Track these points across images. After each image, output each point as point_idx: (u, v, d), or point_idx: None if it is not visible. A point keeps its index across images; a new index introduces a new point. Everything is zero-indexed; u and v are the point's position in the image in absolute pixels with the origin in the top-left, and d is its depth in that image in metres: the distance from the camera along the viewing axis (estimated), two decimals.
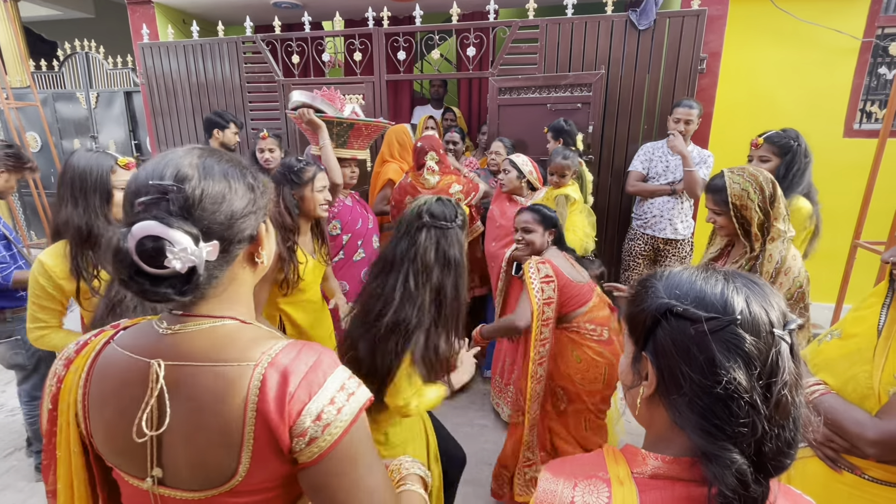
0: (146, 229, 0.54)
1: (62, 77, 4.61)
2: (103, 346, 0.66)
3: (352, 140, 2.33)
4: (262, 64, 3.64)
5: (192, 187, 0.57)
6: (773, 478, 0.51)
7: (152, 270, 0.55)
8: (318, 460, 0.59)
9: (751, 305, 0.52)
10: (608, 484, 0.55)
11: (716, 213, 1.53)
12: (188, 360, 0.60)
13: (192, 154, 0.61)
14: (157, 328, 0.63)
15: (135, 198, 0.57)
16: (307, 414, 0.58)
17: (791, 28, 3.26)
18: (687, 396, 0.53)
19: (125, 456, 0.63)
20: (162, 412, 0.60)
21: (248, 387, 0.58)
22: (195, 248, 0.55)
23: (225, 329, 0.63)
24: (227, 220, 0.60)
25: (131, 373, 0.62)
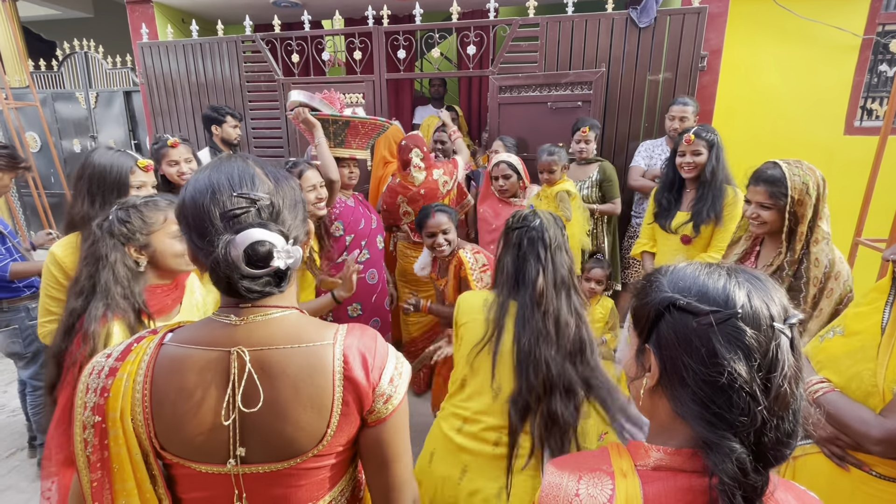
0: (252, 236, 0.61)
1: (61, 77, 4.60)
2: (157, 348, 0.70)
3: (349, 139, 2.31)
4: (261, 63, 3.64)
5: (275, 195, 0.67)
6: (772, 467, 0.52)
7: (255, 272, 0.62)
8: (388, 417, 0.72)
9: (752, 300, 0.54)
10: (612, 476, 0.57)
11: (765, 206, 1.39)
12: (271, 344, 0.68)
13: (251, 164, 0.68)
14: (224, 321, 0.69)
15: (223, 210, 0.63)
16: (385, 378, 0.71)
17: (792, 25, 3.25)
18: (689, 387, 0.54)
19: (202, 445, 0.67)
20: (251, 394, 0.66)
21: (334, 360, 0.69)
22: (291, 248, 0.64)
23: (292, 318, 0.71)
24: (300, 221, 0.70)
25: (207, 364, 0.67)
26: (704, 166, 1.98)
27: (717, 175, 1.96)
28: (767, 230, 1.44)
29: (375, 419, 0.71)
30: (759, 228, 1.46)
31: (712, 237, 1.98)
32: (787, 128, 3.41)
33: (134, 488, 0.68)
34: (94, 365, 0.70)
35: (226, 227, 0.63)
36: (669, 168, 2.12)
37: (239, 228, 0.62)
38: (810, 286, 1.35)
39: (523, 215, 1.28)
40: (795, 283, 1.38)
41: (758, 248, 1.56)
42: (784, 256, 1.41)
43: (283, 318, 0.70)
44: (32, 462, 2.31)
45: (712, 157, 1.97)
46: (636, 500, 0.54)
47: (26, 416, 2.31)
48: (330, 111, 2.25)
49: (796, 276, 1.38)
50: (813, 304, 1.36)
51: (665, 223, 2.11)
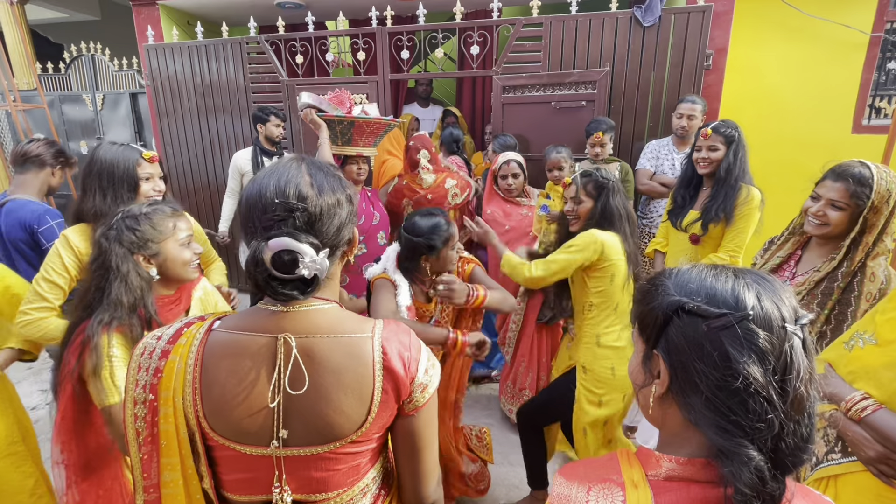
0: (281, 244, 0.64)
1: (68, 79, 4.64)
2: (206, 335, 0.73)
3: (356, 138, 2.37)
4: (266, 64, 3.65)
5: (313, 205, 0.68)
6: (790, 474, 0.51)
7: (282, 276, 0.66)
8: (423, 406, 0.76)
9: (762, 301, 0.52)
10: (622, 487, 0.55)
11: (836, 206, 1.29)
12: (315, 332, 0.71)
13: (302, 171, 0.71)
14: (271, 309, 0.72)
15: (262, 214, 0.67)
16: (421, 369, 0.76)
17: (798, 23, 3.23)
18: (702, 393, 0.53)
19: (247, 426, 0.70)
20: (296, 377, 0.69)
21: (373, 351, 0.72)
22: (319, 258, 0.67)
23: (334, 311, 0.75)
24: (337, 230, 0.72)
25: (256, 348, 0.71)
26: (721, 163, 1.91)
27: (732, 172, 1.88)
28: (827, 233, 1.32)
29: (413, 408, 0.75)
30: (819, 230, 1.34)
31: (723, 237, 1.92)
32: (793, 127, 3.38)
33: (178, 463, 0.72)
34: (146, 345, 0.74)
35: (263, 231, 0.67)
36: (688, 164, 2.06)
37: (272, 235, 0.65)
38: (862, 301, 1.27)
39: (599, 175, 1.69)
40: (845, 296, 1.30)
41: (800, 252, 1.46)
42: (836, 265, 1.30)
43: (325, 310, 0.73)
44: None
45: (729, 154, 1.88)
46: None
47: None
48: (336, 112, 2.31)
49: (847, 290, 1.29)
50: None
51: (676, 220, 2.05)
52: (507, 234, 2.49)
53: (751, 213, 1.85)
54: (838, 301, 1.31)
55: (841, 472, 1.04)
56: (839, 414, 1.03)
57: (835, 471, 1.05)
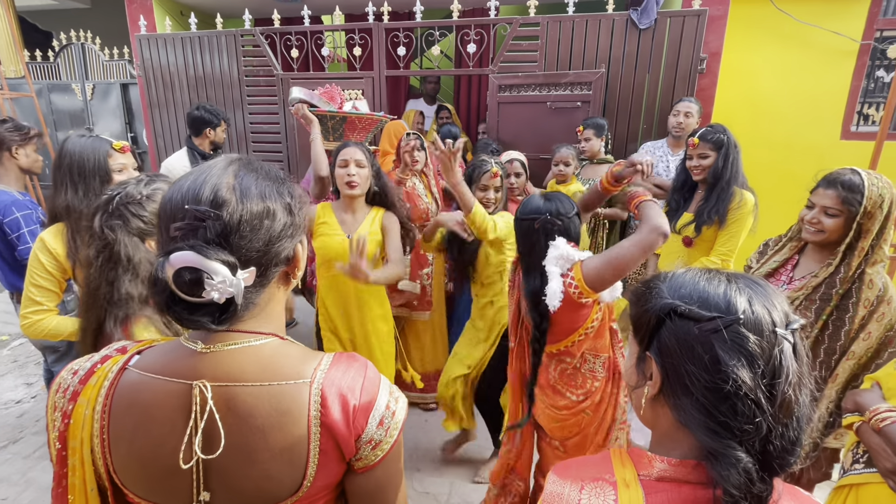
0: (183, 260, 0.52)
1: (57, 68, 4.56)
2: (118, 374, 0.62)
3: (347, 133, 2.38)
4: (260, 58, 3.62)
5: (230, 213, 0.56)
6: (777, 476, 0.52)
7: (189, 299, 0.54)
8: (377, 463, 0.63)
9: (753, 305, 0.53)
10: (614, 487, 0.56)
11: (830, 213, 1.31)
12: (238, 380, 0.59)
13: (228, 172, 0.59)
14: (190, 347, 0.61)
15: (170, 222, 0.56)
16: (373, 421, 0.62)
17: (791, 29, 3.27)
18: (692, 395, 0.53)
19: (163, 486, 0.60)
20: (212, 435, 0.58)
21: (309, 403, 0.60)
22: (233, 279, 0.54)
23: (269, 348, 0.62)
24: (265, 245, 0.59)
25: (168, 397, 0.59)
26: (710, 168, 1.93)
27: (722, 176, 1.89)
28: (823, 239, 1.34)
29: (363, 466, 0.63)
30: (815, 236, 1.36)
31: (716, 241, 1.95)
32: (784, 132, 3.43)
33: None
34: (61, 381, 0.64)
35: (169, 242, 0.55)
36: (682, 168, 2.09)
37: (175, 248, 0.53)
38: (860, 307, 1.30)
39: None
40: (843, 303, 1.32)
41: (797, 257, 1.47)
42: (833, 270, 1.32)
43: (255, 348, 0.61)
44: (24, 455, 2.30)
45: (719, 159, 1.91)
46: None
47: None
48: (328, 108, 2.30)
49: (846, 296, 1.31)
50: (860, 325, 1.31)
51: (670, 223, 2.09)
52: None
53: (744, 216, 1.87)
54: (837, 307, 1.33)
55: (862, 481, 1.06)
56: (865, 425, 1.05)
57: (857, 480, 1.07)
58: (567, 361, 1.45)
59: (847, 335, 1.32)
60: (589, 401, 1.44)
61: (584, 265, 1.30)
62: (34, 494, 2.07)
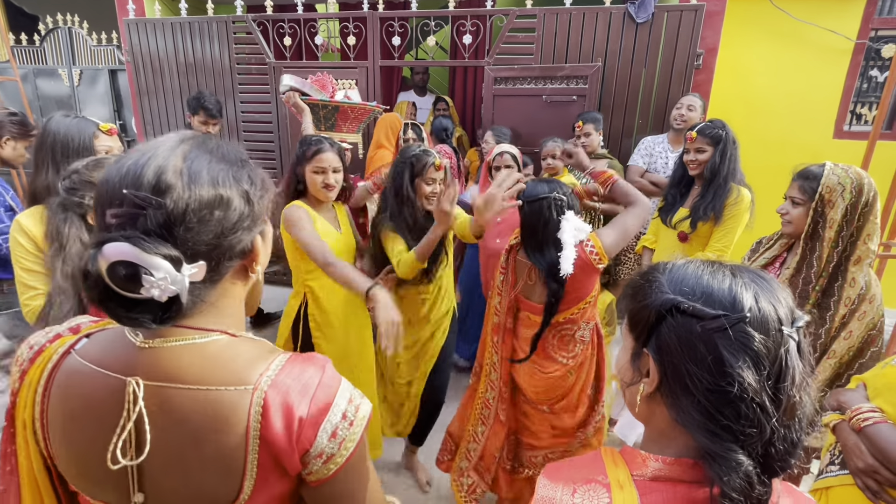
0: (118, 253, 0.46)
1: (43, 52, 4.45)
2: (62, 357, 0.58)
3: (339, 123, 2.33)
4: (252, 45, 3.55)
5: (175, 201, 0.49)
6: (777, 477, 0.50)
7: (127, 295, 0.48)
8: (334, 475, 0.57)
9: (759, 302, 0.50)
10: (608, 488, 0.53)
11: (794, 202, 1.37)
12: (174, 381, 0.54)
13: (177, 153, 0.52)
14: (131, 339, 0.55)
15: (106, 207, 0.49)
16: (323, 434, 0.55)
17: (787, 27, 3.27)
18: (692, 396, 0.51)
19: (98, 482, 0.56)
20: (141, 438, 0.53)
21: (249, 414, 0.53)
22: (177, 275, 0.48)
23: (215, 346, 0.56)
24: (216, 237, 0.52)
25: (103, 391, 0.54)
26: (707, 164, 1.93)
27: (719, 172, 1.89)
28: (793, 230, 1.39)
29: (317, 480, 0.57)
30: (786, 228, 1.41)
31: (711, 236, 1.94)
32: (777, 129, 3.44)
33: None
34: (20, 355, 0.60)
35: (104, 230, 0.49)
36: (680, 163, 2.09)
37: (109, 237, 0.47)
38: (840, 305, 1.30)
39: None
40: (824, 300, 1.33)
41: (785, 255, 1.48)
42: (801, 260, 1.33)
43: (200, 346, 0.55)
44: None
45: (716, 154, 1.90)
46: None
47: None
48: (320, 96, 2.26)
49: (826, 294, 1.32)
50: (841, 324, 1.31)
51: (666, 218, 2.07)
52: (498, 226, 2.47)
53: (740, 213, 1.87)
54: (818, 305, 1.33)
55: (836, 483, 1.05)
56: (844, 423, 1.04)
57: (830, 482, 1.06)
58: (567, 328, 1.56)
59: (828, 333, 1.32)
60: (574, 362, 1.59)
61: (601, 234, 1.48)
62: None
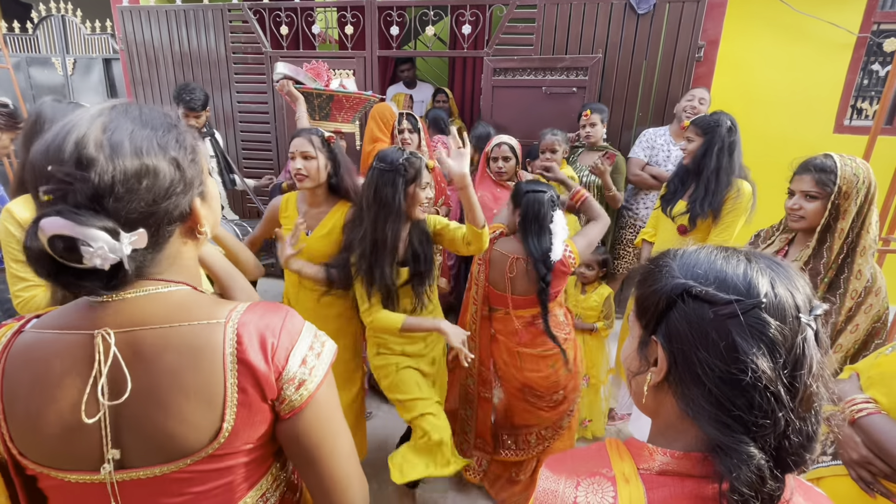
0: (54, 227, 0.48)
1: (36, 41, 4.38)
2: (13, 338, 0.59)
3: (334, 112, 2.30)
4: (249, 34, 3.50)
5: (99, 174, 0.50)
6: (791, 472, 0.48)
7: (74, 266, 0.50)
8: (304, 405, 0.61)
9: (776, 288, 0.48)
10: (613, 482, 0.52)
11: (810, 196, 1.31)
12: (144, 324, 0.57)
13: (96, 125, 0.52)
14: (90, 301, 0.58)
15: (37, 184, 0.50)
16: (294, 358, 0.60)
17: (788, 19, 3.24)
18: (703, 385, 0.49)
19: (66, 449, 0.57)
20: (119, 382, 0.55)
21: (224, 340, 0.58)
22: (115, 244, 0.50)
23: (179, 295, 0.60)
24: (150, 205, 0.53)
25: (67, 349, 0.56)
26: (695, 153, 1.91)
27: (705, 165, 1.87)
28: (806, 226, 1.34)
29: (289, 409, 0.60)
30: (798, 223, 1.36)
31: (710, 232, 1.92)
32: (777, 123, 3.42)
33: None
34: None
35: (39, 206, 0.51)
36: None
37: (42, 214, 0.49)
38: (847, 298, 1.28)
39: None
40: (831, 293, 1.30)
41: (786, 249, 1.45)
42: (813, 254, 1.30)
43: (164, 294, 0.59)
44: None
45: (703, 145, 1.88)
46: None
47: None
48: (314, 85, 2.23)
49: (832, 287, 1.30)
50: (847, 317, 1.29)
51: (666, 208, 2.05)
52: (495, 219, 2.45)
53: (739, 209, 1.85)
54: (823, 298, 1.31)
55: (828, 473, 1.04)
56: (837, 415, 1.02)
57: (822, 472, 1.05)
58: (537, 324, 1.73)
59: (834, 327, 1.31)
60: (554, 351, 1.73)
61: (576, 241, 1.67)
62: None
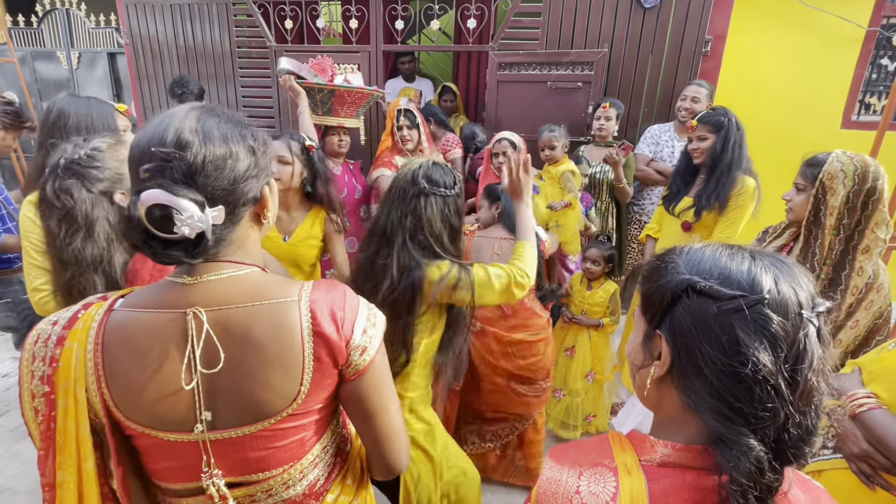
0: (153, 198, 0.57)
1: (41, 34, 4.39)
2: (106, 314, 0.66)
3: (336, 107, 2.29)
4: (253, 28, 3.50)
5: (194, 154, 0.59)
6: (790, 465, 0.50)
7: (163, 235, 0.58)
8: (366, 369, 0.71)
9: (779, 284, 0.49)
10: (615, 472, 0.53)
11: (798, 188, 1.37)
12: (231, 302, 0.65)
13: (191, 116, 0.62)
14: (178, 281, 0.66)
15: (139, 164, 0.60)
16: (358, 329, 0.70)
17: (796, 13, 3.21)
18: (705, 378, 0.50)
19: (165, 412, 0.65)
20: (212, 355, 0.64)
21: (300, 315, 0.67)
22: (202, 215, 0.59)
23: (253, 276, 0.68)
24: (230, 184, 0.63)
25: (162, 326, 0.65)
26: (709, 151, 1.90)
27: (721, 160, 1.86)
28: (793, 218, 1.39)
29: (353, 373, 0.71)
30: (788, 214, 1.42)
31: (715, 226, 1.91)
32: (783, 118, 3.40)
33: (73, 463, 0.66)
34: (40, 332, 0.67)
35: (139, 183, 0.60)
36: (684, 153, 2.06)
37: (145, 187, 0.58)
38: (847, 295, 1.29)
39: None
40: (831, 290, 1.31)
41: (792, 244, 1.47)
42: (804, 245, 1.32)
43: (241, 276, 0.67)
44: (10, 428, 2.28)
45: (717, 142, 1.87)
46: (641, 499, 0.50)
47: None
48: (316, 80, 2.22)
49: (833, 283, 1.30)
50: (847, 313, 1.29)
51: (669, 206, 2.05)
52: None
53: (744, 202, 1.84)
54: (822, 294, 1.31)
55: (828, 466, 1.04)
56: (840, 409, 1.03)
57: (822, 465, 1.05)
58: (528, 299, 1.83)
59: (834, 323, 1.31)
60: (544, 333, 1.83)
61: None
62: (20, 467, 2.05)
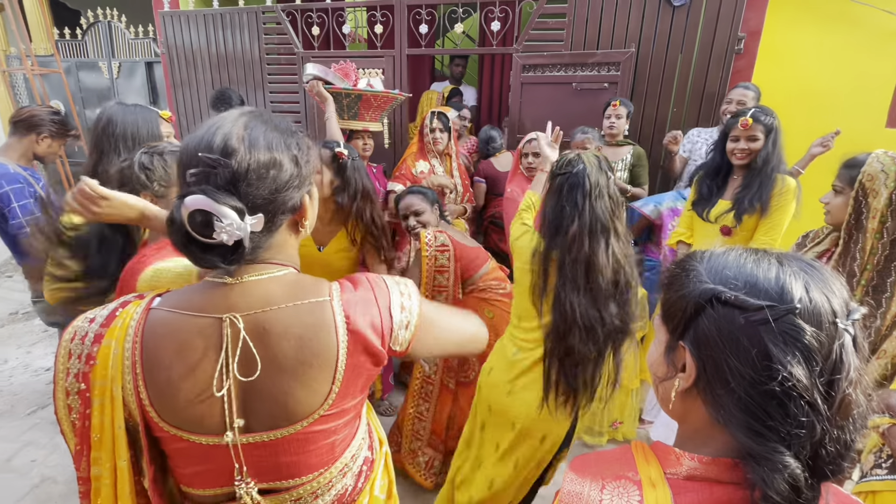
0: (196, 203, 0.58)
1: (85, 46, 4.62)
2: (144, 313, 0.67)
3: (362, 112, 2.34)
4: (281, 35, 3.59)
5: (238, 161, 0.60)
6: (827, 481, 0.47)
7: (202, 240, 0.60)
8: (417, 332, 0.74)
9: (811, 292, 0.46)
10: (639, 486, 0.51)
11: (836, 190, 1.32)
12: (269, 304, 0.66)
13: (239, 123, 0.63)
14: (218, 282, 0.67)
15: (186, 168, 0.61)
16: (395, 311, 0.72)
17: (837, 7, 3.07)
18: (735, 393, 0.47)
19: (199, 415, 0.65)
20: (249, 361, 0.64)
21: (334, 315, 0.67)
22: (241, 223, 0.59)
23: (290, 277, 0.70)
24: (272, 193, 0.63)
25: (199, 331, 0.65)
26: (759, 153, 1.81)
27: (769, 162, 1.79)
28: (831, 221, 1.35)
29: (406, 342, 0.73)
30: (826, 217, 1.37)
31: (756, 229, 1.83)
32: (824, 118, 3.23)
33: (108, 458, 0.66)
34: (76, 330, 0.68)
35: (185, 187, 0.61)
36: (717, 152, 1.95)
37: (190, 191, 0.59)
38: (893, 303, 1.22)
39: (567, 160, 1.25)
40: (875, 297, 1.25)
41: (833, 249, 1.42)
42: (843, 250, 1.26)
43: (279, 277, 0.68)
44: (52, 420, 2.39)
45: (769, 143, 1.79)
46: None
47: None
48: (343, 85, 2.26)
49: (877, 290, 1.24)
50: (893, 322, 1.23)
51: (703, 211, 1.95)
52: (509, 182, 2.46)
53: (787, 203, 1.76)
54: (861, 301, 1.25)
55: (883, 488, 1.00)
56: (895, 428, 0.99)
57: (876, 486, 1.01)
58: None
59: (877, 332, 1.24)
60: None
61: None
62: (61, 458, 2.15)
